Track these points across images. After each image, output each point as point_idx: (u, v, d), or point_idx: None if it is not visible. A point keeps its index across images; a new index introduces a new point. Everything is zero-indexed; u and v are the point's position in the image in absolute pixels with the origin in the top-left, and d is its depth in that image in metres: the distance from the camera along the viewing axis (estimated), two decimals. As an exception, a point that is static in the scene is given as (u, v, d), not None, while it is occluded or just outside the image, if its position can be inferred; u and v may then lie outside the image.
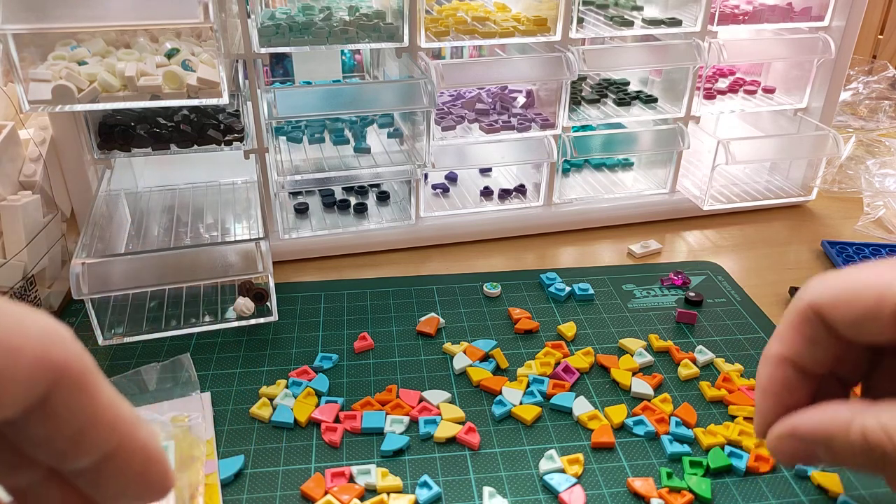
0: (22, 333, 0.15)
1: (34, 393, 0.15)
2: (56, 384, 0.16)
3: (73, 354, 0.16)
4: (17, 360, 0.15)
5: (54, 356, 0.15)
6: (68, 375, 0.16)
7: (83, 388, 0.16)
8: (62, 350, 0.16)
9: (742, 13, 0.76)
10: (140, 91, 0.56)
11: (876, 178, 0.87)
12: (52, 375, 0.15)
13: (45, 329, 0.15)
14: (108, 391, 0.17)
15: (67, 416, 0.16)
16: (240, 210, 0.74)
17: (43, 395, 0.15)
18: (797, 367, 0.25)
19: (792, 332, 0.25)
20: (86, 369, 0.16)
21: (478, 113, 0.77)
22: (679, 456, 0.47)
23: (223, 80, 0.56)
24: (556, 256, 0.74)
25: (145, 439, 0.18)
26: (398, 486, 0.44)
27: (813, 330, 0.24)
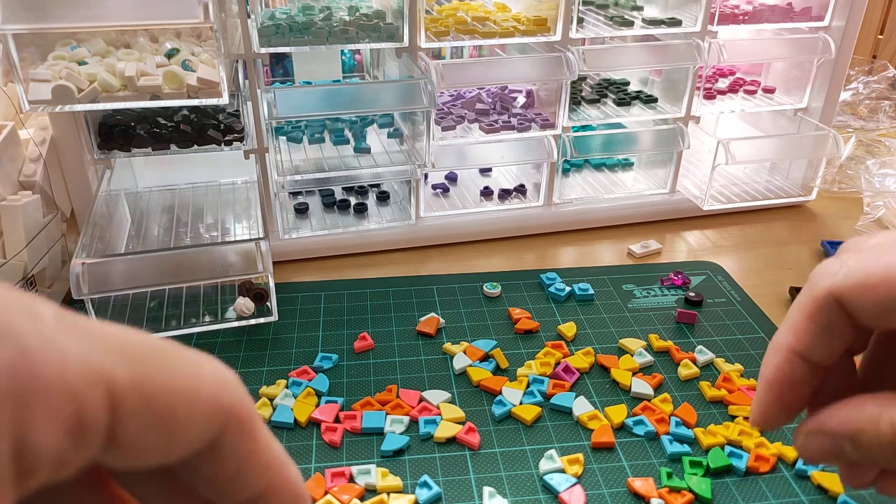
0: (200, 379, 0.16)
1: (208, 436, 0.16)
2: (224, 429, 0.17)
3: (240, 400, 0.17)
4: (196, 405, 0.16)
5: (226, 401, 0.16)
6: (236, 419, 0.17)
7: (247, 432, 0.17)
8: (232, 395, 0.17)
9: (742, 13, 0.76)
10: (140, 91, 0.56)
11: (876, 178, 0.87)
12: (224, 418, 0.16)
13: (218, 375, 0.17)
14: (265, 434, 0.18)
15: (231, 457, 0.17)
16: (240, 210, 0.75)
17: (214, 437, 0.16)
18: (807, 360, 0.24)
19: (806, 321, 0.24)
20: (250, 414, 0.17)
21: (478, 113, 0.77)
22: (679, 456, 0.47)
23: (223, 80, 0.56)
24: (556, 256, 0.74)
25: (294, 479, 0.19)
26: (398, 486, 0.44)
27: (830, 319, 0.23)
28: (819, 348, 0.24)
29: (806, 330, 0.24)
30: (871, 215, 0.82)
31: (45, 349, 0.13)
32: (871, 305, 0.22)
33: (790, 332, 0.24)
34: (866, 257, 0.23)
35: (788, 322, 0.25)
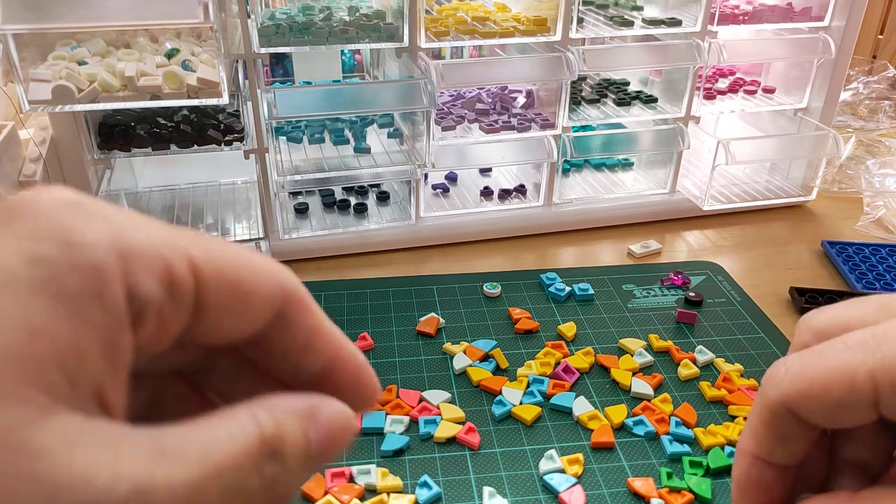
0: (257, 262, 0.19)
1: (274, 306, 0.19)
2: (287, 301, 0.19)
3: (295, 281, 0.20)
4: (261, 278, 0.18)
5: (284, 278, 0.19)
6: (297, 294, 0.20)
7: (308, 306, 0.20)
8: (289, 276, 0.19)
9: (742, 13, 0.76)
10: (140, 91, 0.56)
11: (876, 178, 0.87)
12: (284, 293, 0.19)
13: (275, 263, 0.20)
14: (320, 311, 0.20)
15: (299, 328, 0.20)
16: (240, 210, 0.75)
17: (280, 309, 0.19)
18: (773, 464, 0.24)
19: (764, 428, 0.23)
20: (307, 293, 0.20)
21: (478, 113, 0.77)
22: (679, 456, 0.47)
23: (223, 80, 0.57)
24: (556, 256, 0.74)
25: (355, 350, 0.21)
26: (398, 486, 0.44)
27: (786, 426, 0.23)
28: (780, 452, 0.24)
29: (764, 436, 0.23)
30: (871, 215, 0.82)
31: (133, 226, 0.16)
32: (818, 411, 0.22)
33: (751, 437, 0.24)
34: (808, 359, 0.22)
35: (749, 426, 0.24)
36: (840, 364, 0.21)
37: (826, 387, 0.21)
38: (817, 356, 0.22)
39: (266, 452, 0.16)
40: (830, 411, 0.21)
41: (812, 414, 0.22)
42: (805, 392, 0.22)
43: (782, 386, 0.22)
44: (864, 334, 0.21)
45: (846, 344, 0.21)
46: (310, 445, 0.17)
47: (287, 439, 0.17)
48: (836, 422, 0.22)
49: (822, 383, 0.21)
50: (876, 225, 0.81)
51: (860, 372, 0.20)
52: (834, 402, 0.21)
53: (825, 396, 0.21)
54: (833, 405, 0.21)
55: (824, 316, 0.24)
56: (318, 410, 0.18)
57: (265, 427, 0.17)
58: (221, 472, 0.15)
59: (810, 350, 0.22)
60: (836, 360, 0.21)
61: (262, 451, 0.16)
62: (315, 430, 0.18)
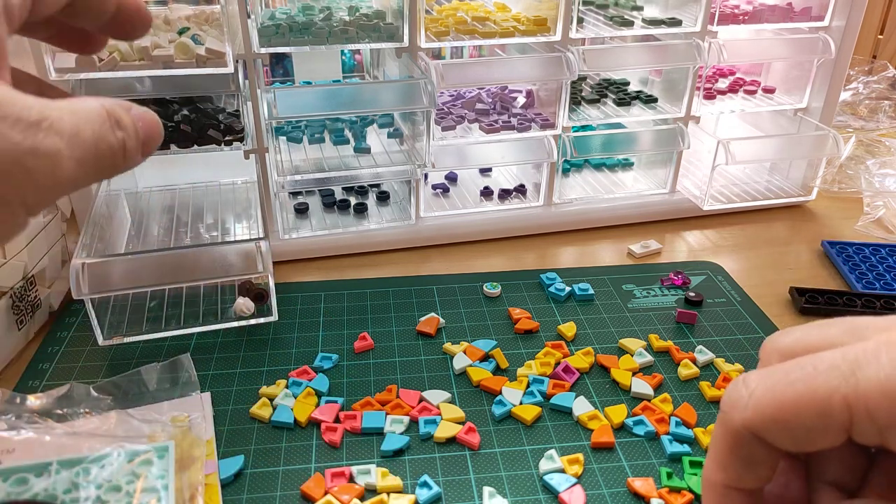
0: None
1: None
2: None
3: None
4: None
5: None
6: None
7: None
8: None
9: (742, 13, 0.76)
10: (154, 60, 0.59)
11: (876, 178, 0.87)
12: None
13: None
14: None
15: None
16: (240, 210, 0.75)
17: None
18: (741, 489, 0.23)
19: (729, 456, 0.23)
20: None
21: (478, 113, 0.77)
22: (679, 456, 0.47)
23: (229, 52, 0.59)
24: (556, 256, 0.74)
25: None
26: (398, 486, 0.44)
27: (752, 451, 0.22)
28: (749, 478, 0.23)
29: (730, 464, 0.23)
30: (871, 215, 0.82)
31: None
32: (787, 437, 0.21)
33: (717, 467, 0.23)
34: (774, 381, 0.21)
35: (712, 454, 0.23)
36: (811, 389, 0.20)
37: (796, 412, 0.20)
38: (783, 378, 0.21)
39: (112, 120, 0.23)
40: (799, 436, 0.21)
41: (779, 439, 0.21)
42: (773, 417, 0.21)
43: (747, 411, 0.21)
44: (835, 357, 0.20)
45: (816, 368, 0.20)
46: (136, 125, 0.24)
47: (120, 115, 0.23)
48: (804, 446, 0.21)
49: (792, 409, 0.20)
50: (876, 225, 0.81)
51: (835, 397, 0.20)
52: (805, 427, 0.20)
53: (795, 422, 0.20)
54: (803, 431, 0.20)
55: (790, 338, 0.23)
56: (132, 106, 0.24)
57: (105, 104, 0.23)
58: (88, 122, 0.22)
59: (773, 369, 0.22)
60: (805, 385, 0.20)
61: (108, 117, 0.23)
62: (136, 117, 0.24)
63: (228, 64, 0.60)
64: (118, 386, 0.50)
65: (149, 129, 0.25)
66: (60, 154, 0.20)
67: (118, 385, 0.50)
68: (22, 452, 0.43)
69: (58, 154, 0.20)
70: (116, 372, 0.52)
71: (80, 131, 0.21)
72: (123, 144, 0.23)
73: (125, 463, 0.42)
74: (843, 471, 0.24)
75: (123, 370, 0.51)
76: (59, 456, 0.42)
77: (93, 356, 0.56)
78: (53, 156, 0.20)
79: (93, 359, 0.56)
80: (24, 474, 0.40)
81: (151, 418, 0.46)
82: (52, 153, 0.20)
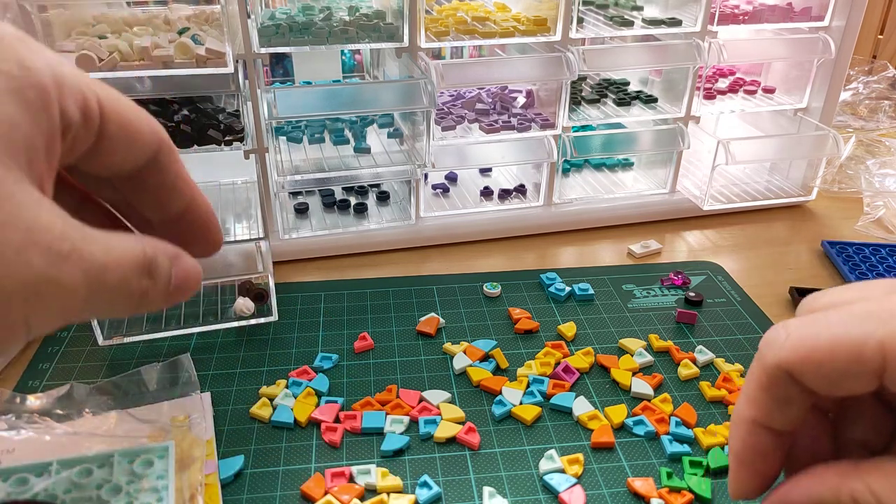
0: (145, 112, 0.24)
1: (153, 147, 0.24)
2: (161, 146, 0.24)
3: (166, 134, 0.25)
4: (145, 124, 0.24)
5: (160, 128, 0.24)
6: (168, 143, 0.25)
7: (175, 155, 0.25)
8: (162, 129, 0.24)
9: (742, 13, 0.76)
10: (154, 60, 0.59)
11: (876, 178, 0.87)
12: (160, 139, 0.24)
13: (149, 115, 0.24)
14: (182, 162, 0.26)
15: (168, 170, 0.25)
16: (240, 210, 0.74)
17: (156, 151, 0.24)
18: (771, 429, 0.24)
19: (762, 393, 0.23)
20: (172, 144, 0.25)
21: (478, 113, 0.77)
22: (679, 456, 0.47)
23: (228, 52, 0.60)
24: (556, 256, 0.74)
25: (207, 200, 0.27)
26: (398, 486, 0.44)
27: (784, 391, 0.23)
28: (779, 417, 0.23)
29: (762, 401, 0.23)
30: (871, 215, 0.82)
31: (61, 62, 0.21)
32: (820, 378, 0.22)
33: (748, 403, 0.24)
34: (812, 325, 0.22)
35: (745, 392, 0.24)
36: (847, 332, 0.21)
37: (831, 354, 0.21)
38: (822, 322, 0.22)
39: (145, 268, 0.22)
40: (833, 378, 0.21)
41: (813, 380, 0.22)
42: (807, 358, 0.22)
43: (783, 351, 0.22)
44: (872, 306, 0.21)
45: (853, 313, 0.21)
46: (172, 278, 0.23)
47: (159, 265, 0.23)
48: (836, 389, 0.22)
49: (828, 350, 0.21)
50: (876, 225, 0.81)
51: (870, 342, 0.20)
52: (839, 369, 0.21)
53: (829, 363, 0.21)
54: (837, 373, 0.21)
55: (828, 297, 0.24)
56: (181, 256, 0.24)
57: (147, 250, 0.23)
58: (118, 266, 0.21)
59: (813, 316, 0.22)
60: (843, 328, 0.21)
61: (142, 264, 0.22)
62: (177, 267, 0.24)
63: (228, 64, 0.60)
64: (118, 386, 0.50)
65: (185, 282, 0.24)
66: (77, 290, 0.20)
67: (118, 385, 0.50)
68: (22, 452, 0.43)
69: (75, 289, 0.20)
70: (116, 372, 0.52)
71: (105, 274, 0.21)
72: (144, 294, 0.23)
73: (125, 463, 0.42)
74: (869, 430, 0.25)
75: (123, 370, 0.51)
76: (59, 456, 0.42)
77: (93, 356, 0.56)
78: (70, 289, 0.20)
79: (93, 359, 0.56)
80: (24, 474, 0.40)
81: (151, 418, 0.47)
82: (70, 287, 0.20)
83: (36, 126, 0.20)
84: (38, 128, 0.20)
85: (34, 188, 0.20)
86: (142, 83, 0.64)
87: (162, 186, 0.25)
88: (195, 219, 0.27)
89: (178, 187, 0.26)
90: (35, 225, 0.19)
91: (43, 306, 0.19)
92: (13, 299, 0.19)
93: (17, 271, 0.18)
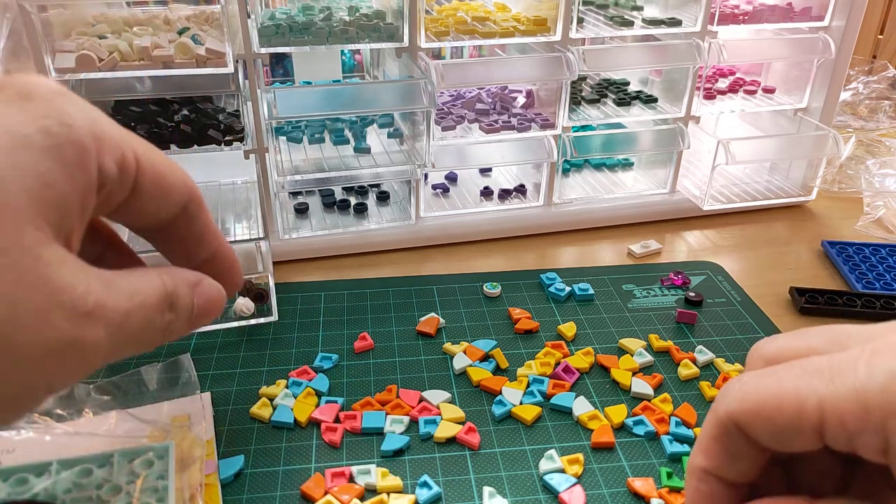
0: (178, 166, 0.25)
1: (184, 200, 0.26)
2: (192, 198, 0.26)
3: (196, 186, 0.26)
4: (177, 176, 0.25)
5: (189, 182, 0.26)
6: (197, 195, 0.26)
7: (203, 206, 0.27)
8: (193, 181, 0.26)
9: (742, 13, 0.76)
10: (154, 60, 0.59)
11: (876, 178, 0.87)
12: (191, 191, 0.26)
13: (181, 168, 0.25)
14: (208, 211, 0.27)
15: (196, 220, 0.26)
16: (240, 210, 0.75)
17: (187, 203, 0.26)
18: (723, 479, 0.24)
19: (713, 443, 0.23)
20: (201, 196, 0.27)
21: (478, 113, 0.77)
22: (679, 456, 0.47)
23: (229, 52, 0.60)
24: (556, 256, 0.74)
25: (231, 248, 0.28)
26: (398, 486, 0.44)
27: (734, 443, 0.23)
28: (730, 468, 0.23)
29: (714, 451, 0.23)
30: (871, 215, 0.82)
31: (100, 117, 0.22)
32: (766, 432, 0.21)
33: (700, 452, 0.24)
34: (763, 378, 0.22)
35: (699, 441, 0.24)
36: (793, 388, 0.21)
37: (777, 409, 0.21)
38: (772, 377, 0.22)
39: (167, 302, 0.23)
40: (778, 433, 0.21)
41: (760, 434, 0.22)
42: (755, 411, 0.21)
43: (733, 402, 0.22)
44: (822, 362, 0.21)
45: (804, 369, 0.21)
46: (193, 307, 0.24)
47: (180, 296, 0.24)
48: (783, 445, 0.22)
49: (774, 405, 0.21)
50: (876, 225, 0.81)
51: (811, 400, 0.20)
52: (782, 424, 0.21)
53: (774, 418, 0.21)
54: (781, 428, 0.21)
55: (774, 345, 0.24)
56: (202, 282, 0.25)
57: (167, 285, 0.23)
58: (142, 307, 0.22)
59: (768, 370, 0.22)
60: (790, 384, 0.21)
61: (164, 300, 0.23)
62: (198, 295, 0.25)
63: (228, 64, 0.60)
64: (118, 386, 0.50)
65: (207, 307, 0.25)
66: (100, 345, 0.20)
67: (118, 385, 0.50)
68: (22, 452, 0.43)
69: (97, 345, 0.20)
70: (116, 372, 0.52)
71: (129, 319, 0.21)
72: (168, 327, 0.23)
73: (125, 463, 0.42)
74: (816, 476, 0.25)
75: (123, 370, 0.51)
76: (59, 456, 0.42)
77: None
78: (93, 347, 0.20)
79: (93, 359, 0.56)
80: (24, 474, 0.40)
81: (151, 418, 0.47)
82: (93, 345, 0.20)
83: (72, 183, 0.20)
84: (74, 185, 0.20)
85: (60, 246, 0.20)
86: (142, 83, 0.64)
87: (189, 237, 0.26)
88: (218, 265, 0.28)
89: (206, 239, 0.27)
90: (59, 285, 0.19)
91: (65, 369, 0.19)
92: (36, 365, 0.18)
93: (39, 337, 0.18)
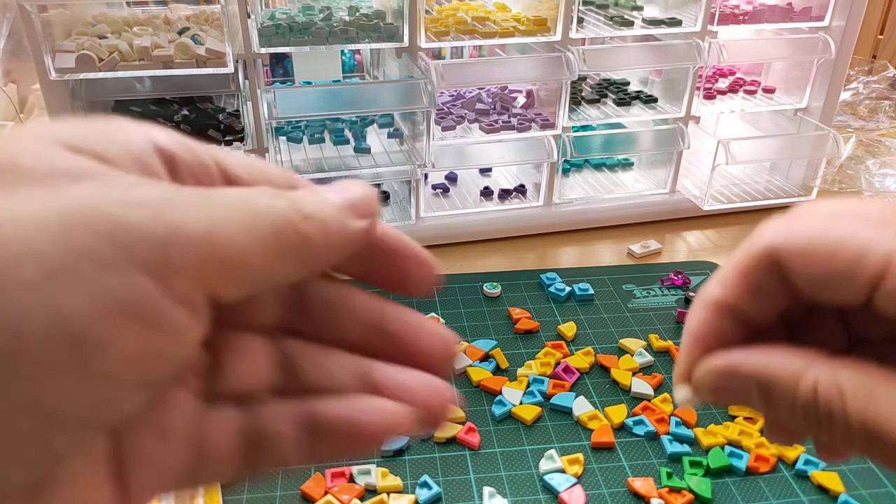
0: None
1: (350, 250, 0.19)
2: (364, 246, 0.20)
3: None
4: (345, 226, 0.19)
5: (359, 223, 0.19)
6: None
7: None
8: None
9: (742, 13, 0.76)
10: (154, 60, 0.59)
11: (876, 178, 0.87)
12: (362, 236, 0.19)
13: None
14: None
15: None
16: (240, 210, 0.74)
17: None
18: (736, 315, 0.22)
19: (739, 276, 0.21)
20: None
21: (478, 113, 0.77)
22: (679, 456, 0.47)
23: (228, 52, 0.60)
24: (556, 256, 0.74)
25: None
26: (398, 486, 0.44)
27: (765, 278, 0.21)
28: (748, 303, 0.22)
29: (737, 284, 0.22)
30: (871, 215, 0.82)
31: None
32: (811, 274, 0.20)
33: (721, 285, 0.22)
34: (816, 223, 0.20)
35: (721, 274, 0.22)
36: (855, 235, 0.20)
37: (831, 252, 0.20)
38: (828, 221, 0.20)
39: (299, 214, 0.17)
40: (823, 278, 0.20)
41: (800, 274, 0.20)
42: (802, 249, 0.20)
43: (779, 235, 0.21)
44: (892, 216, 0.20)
45: (868, 218, 0.20)
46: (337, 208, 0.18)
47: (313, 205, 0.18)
48: (822, 291, 0.20)
49: (829, 248, 0.20)
50: (876, 225, 0.81)
51: (876, 251, 0.19)
52: (834, 269, 0.20)
53: (826, 261, 0.20)
54: (830, 272, 0.20)
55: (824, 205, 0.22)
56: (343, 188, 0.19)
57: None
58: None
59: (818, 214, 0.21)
60: (850, 231, 0.20)
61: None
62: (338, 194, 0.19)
63: (228, 64, 0.60)
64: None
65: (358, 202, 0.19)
66: None
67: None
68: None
69: None
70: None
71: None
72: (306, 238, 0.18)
73: (125, 463, 0.42)
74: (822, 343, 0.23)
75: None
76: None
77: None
78: None
79: (93, 359, 0.56)
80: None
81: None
82: None
83: None
84: None
85: None
86: (142, 83, 0.64)
87: None
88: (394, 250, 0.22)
89: None
90: None
91: None
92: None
93: None
